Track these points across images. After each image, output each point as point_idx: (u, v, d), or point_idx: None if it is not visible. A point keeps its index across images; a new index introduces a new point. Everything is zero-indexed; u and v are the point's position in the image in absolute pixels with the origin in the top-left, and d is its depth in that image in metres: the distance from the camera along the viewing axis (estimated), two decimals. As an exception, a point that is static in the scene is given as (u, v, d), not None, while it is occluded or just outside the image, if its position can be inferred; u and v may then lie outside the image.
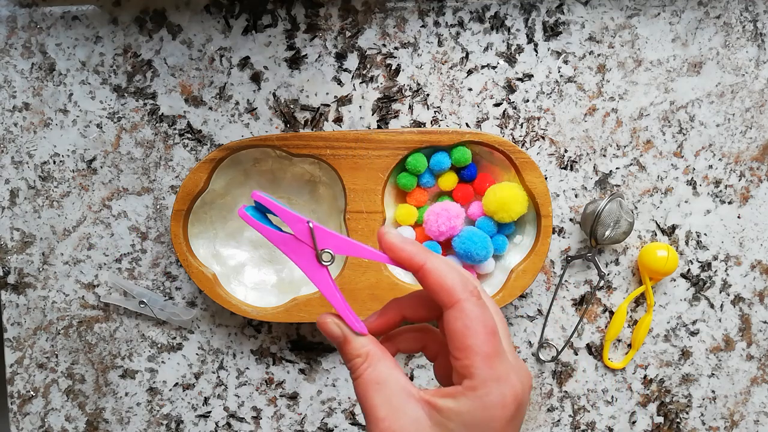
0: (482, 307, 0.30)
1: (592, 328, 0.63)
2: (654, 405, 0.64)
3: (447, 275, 0.30)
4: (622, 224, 0.58)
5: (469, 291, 0.30)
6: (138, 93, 0.61)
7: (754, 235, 0.62)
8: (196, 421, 0.64)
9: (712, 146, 0.61)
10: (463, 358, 0.29)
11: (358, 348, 0.32)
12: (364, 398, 0.31)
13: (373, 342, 0.32)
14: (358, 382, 0.31)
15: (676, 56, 0.60)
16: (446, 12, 0.60)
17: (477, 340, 0.29)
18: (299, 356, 0.64)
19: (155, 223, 0.62)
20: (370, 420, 0.30)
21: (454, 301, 0.30)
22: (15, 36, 0.60)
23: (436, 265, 0.31)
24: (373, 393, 0.30)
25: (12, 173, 0.62)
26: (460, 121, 0.61)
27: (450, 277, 0.30)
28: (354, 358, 0.32)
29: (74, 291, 0.63)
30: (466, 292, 0.30)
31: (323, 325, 0.33)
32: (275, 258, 0.62)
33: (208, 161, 0.57)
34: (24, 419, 0.64)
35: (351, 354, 0.32)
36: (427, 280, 0.31)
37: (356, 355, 0.32)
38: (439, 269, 0.30)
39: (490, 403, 0.29)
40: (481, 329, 0.29)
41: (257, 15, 0.60)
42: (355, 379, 0.32)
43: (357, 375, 0.31)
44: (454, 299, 0.30)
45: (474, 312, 0.29)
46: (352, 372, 0.32)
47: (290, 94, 0.61)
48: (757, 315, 0.63)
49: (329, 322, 0.33)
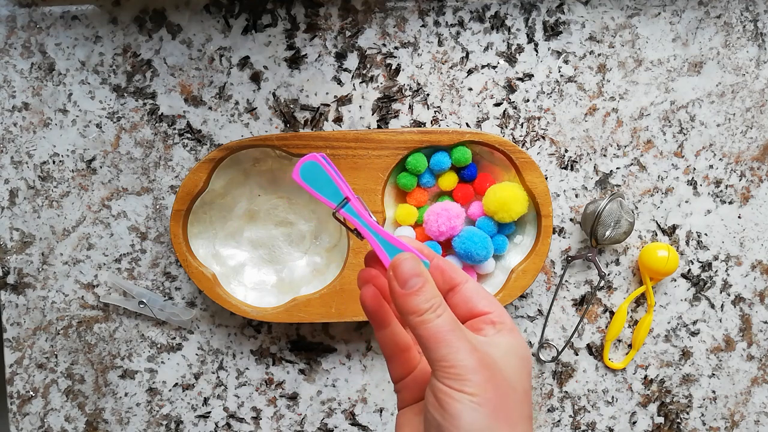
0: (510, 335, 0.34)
1: (592, 328, 0.63)
2: (654, 405, 0.63)
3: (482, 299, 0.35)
4: (622, 224, 0.58)
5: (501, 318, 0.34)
6: (137, 93, 0.61)
7: (755, 235, 0.62)
8: (196, 422, 0.64)
9: (712, 146, 0.61)
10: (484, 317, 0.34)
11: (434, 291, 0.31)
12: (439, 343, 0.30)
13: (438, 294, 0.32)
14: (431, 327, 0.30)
15: (676, 56, 0.60)
16: (446, 12, 0.60)
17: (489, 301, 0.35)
18: (299, 356, 0.63)
19: (155, 223, 0.62)
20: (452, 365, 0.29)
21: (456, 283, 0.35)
22: (14, 36, 0.60)
23: (473, 288, 0.35)
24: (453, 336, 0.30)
25: (11, 173, 0.62)
26: (461, 121, 0.61)
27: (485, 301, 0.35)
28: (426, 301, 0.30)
29: (74, 291, 0.63)
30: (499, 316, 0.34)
31: (436, 270, 0.34)
32: (275, 258, 0.62)
33: (208, 161, 0.57)
34: (23, 419, 0.64)
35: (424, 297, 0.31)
36: (464, 299, 0.35)
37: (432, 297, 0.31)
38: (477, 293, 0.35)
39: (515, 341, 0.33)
40: (485, 293, 0.35)
41: (257, 15, 0.60)
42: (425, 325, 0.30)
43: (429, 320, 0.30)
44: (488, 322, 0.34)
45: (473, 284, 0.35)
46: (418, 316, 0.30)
47: (290, 94, 0.61)
48: (758, 315, 0.63)
49: (441, 266, 0.34)
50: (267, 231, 0.62)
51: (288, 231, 0.62)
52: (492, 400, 0.29)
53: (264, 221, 0.62)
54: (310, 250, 0.62)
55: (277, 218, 0.62)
